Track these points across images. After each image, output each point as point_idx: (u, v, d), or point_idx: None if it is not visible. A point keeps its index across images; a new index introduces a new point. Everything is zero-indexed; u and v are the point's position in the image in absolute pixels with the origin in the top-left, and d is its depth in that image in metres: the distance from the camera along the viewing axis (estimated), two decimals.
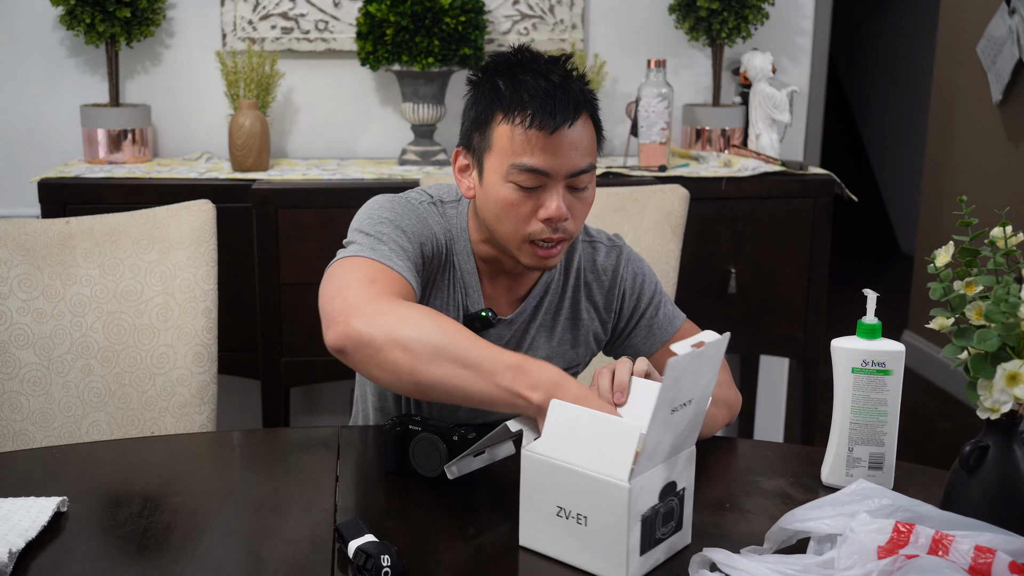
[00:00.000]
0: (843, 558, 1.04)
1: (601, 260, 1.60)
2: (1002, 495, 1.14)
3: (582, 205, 1.43)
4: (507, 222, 1.42)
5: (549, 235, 1.41)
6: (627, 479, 1.08)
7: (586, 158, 1.40)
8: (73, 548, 1.19)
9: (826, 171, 2.72)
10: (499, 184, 1.40)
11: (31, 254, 1.78)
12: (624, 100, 2.90)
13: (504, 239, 1.44)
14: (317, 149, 2.89)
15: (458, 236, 1.51)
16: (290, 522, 1.26)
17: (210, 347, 1.81)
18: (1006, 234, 1.14)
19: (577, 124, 1.39)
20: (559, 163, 1.38)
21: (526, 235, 1.41)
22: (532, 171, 1.38)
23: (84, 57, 2.77)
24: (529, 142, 1.37)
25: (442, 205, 1.52)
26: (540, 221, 1.40)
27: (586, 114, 1.41)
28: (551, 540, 1.15)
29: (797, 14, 2.97)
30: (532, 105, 1.37)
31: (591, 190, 1.44)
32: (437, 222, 1.49)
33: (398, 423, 1.37)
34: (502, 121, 1.39)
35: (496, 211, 1.42)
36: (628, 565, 1.10)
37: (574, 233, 1.44)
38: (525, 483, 1.16)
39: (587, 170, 1.41)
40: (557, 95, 1.37)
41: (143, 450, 1.52)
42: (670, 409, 1.09)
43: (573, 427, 1.13)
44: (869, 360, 1.30)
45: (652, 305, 1.61)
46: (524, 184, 1.39)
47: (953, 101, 4.12)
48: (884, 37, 6.52)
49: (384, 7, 2.60)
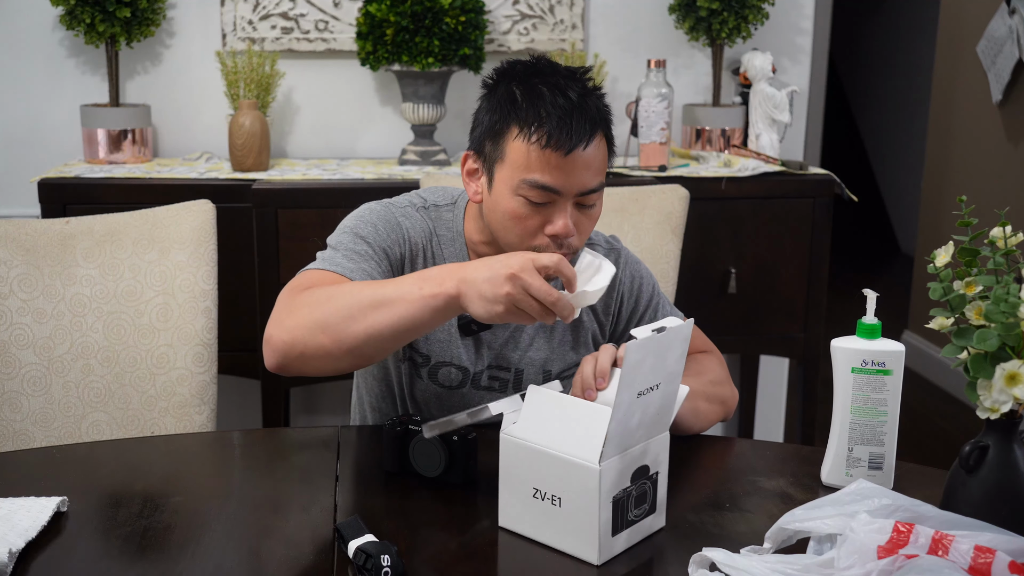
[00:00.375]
0: (843, 558, 1.04)
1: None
2: (1002, 495, 1.14)
3: (588, 221, 1.44)
4: (512, 233, 1.43)
5: (554, 251, 1.41)
6: (597, 461, 1.12)
7: (597, 177, 1.42)
8: (73, 548, 1.19)
9: (826, 171, 2.72)
10: (508, 196, 1.41)
11: (31, 254, 1.78)
12: (624, 100, 2.90)
13: (508, 248, 1.45)
14: (317, 149, 2.89)
15: (452, 239, 1.53)
16: (290, 522, 1.26)
17: (210, 347, 1.81)
18: (1006, 234, 1.14)
19: (592, 144, 1.39)
20: (571, 183, 1.39)
21: (530, 248, 1.42)
22: (543, 188, 1.39)
23: (84, 57, 2.77)
24: (543, 160, 1.38)
25: (435, 209, 1.54)
26: (546, 236, 1.41)
27: (601, 133, 1.42)
28: (528, 521, 1.19)
29: (797, 14, 2.97)
30: (549, 124, 1.37)
31: (598, 207, 1.45)
32: (418, 223, 1.51)
33: (398, 423, 1.37)
34: (518, 136, 1.40)
35: (503, 221, 1.43)
36: (600, 545, 1.14)
37: (578, 248, 1.44)
38: (504, 466, 1.20)
39: (597, 189, 1.42)
40: (575, 115, 1.38)
41: (143, 450, 1.52)
42: (635, 393, 1.12)
43: (548, 411, 1.17)
44: (869, 360, 1.30)
45: (651, 307, 1.62)
46: (534, 199, 1.40)
47: (953, 101, 4.12)
48: (884, 37, 6.53)
49: (384, 7, 2.60)
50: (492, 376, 1.58)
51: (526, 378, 1.58)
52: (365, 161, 2.82)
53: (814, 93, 4.23)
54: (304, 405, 3.01)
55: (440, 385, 1.56)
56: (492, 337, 1.55)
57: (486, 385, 1.58)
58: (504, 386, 1.58)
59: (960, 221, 1.17)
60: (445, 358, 1.55)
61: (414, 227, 1.51)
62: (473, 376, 1.57)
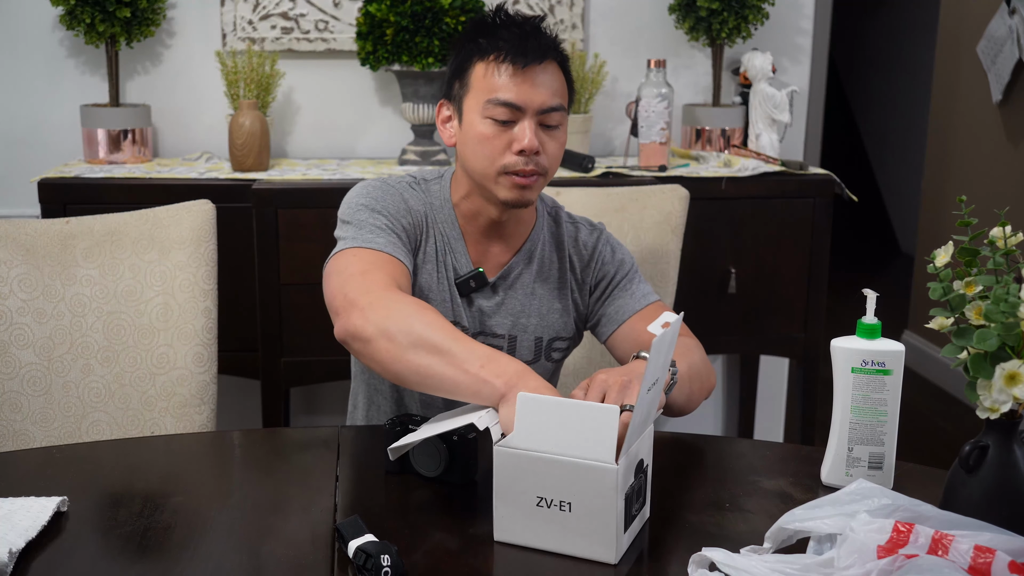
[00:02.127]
0: (843, 558, 1.04)
1: (583, 237, 1.70)
2: (1002, 495, 1.14)
3: (554, 144, 1.55)
4: (484, 158, 1.53)
5: (522, 167, 1.52)
6: (614, 461, 1.12)
7: (556, 98, 1.54)
8: (73, 548, 1.19)
9: (826, 171, 2.72)
10: (477, 121, 1.53)
11: (31, 254, 1.78)
12: (624, 100, 2.90)
13: (483, 176, 1.54)
14: (317, 149, 2.89)
15: (441, 207, 1.62)
16: (290, 522, 1.26)
17: (210, 347, 1.81)
18: (1006, 234, 1.14)
19: (548, 66, 1.53)
20: (530, 97, 1.51)
21: (501, 167, 1.52)
22: (506, 104, 1.51)
23: (84, 57, 2.77)
24: (504, 79, 1.51)
25: (425, 183, 1.64)
26: (514, 154, 1.52)
27: (556, 62, 1.55)
28: (531, 531, 1.18)
29: (797, 14, 2.97)
30: (506, 47, 1.52)
31: (563, 133, 1.57)
32: (415, 197, 1.61)
33: (398, 423, 1.37)
34: (479, 63, 1.54)
35: (474, 148, 1.54)
36: (617, 543, 1.15)
37: (547, 169, 1.55)
38: (500, 479, 1.18)
39: (557, 108, 1.53)
40: (529, 39, 1.52)
41: (143, 450, 1.52)
42: (647, 388, 1.14)
43: (546, 417, 1.15)
44: (869, 360, 1.30)
45: (627, 278, 1.68)
46: (499, 118, 1.51)
47: (953, 101, 4.12)
48: (884, 37, 6.53)
49: (384, 7, 2.60)
50: (487, 344, 1.60)
51: (520, 344, 1.64)
52: (365, 161, 2.82)
53: (814, 93, 4.23)
54: (304, 405, 3.01)
55: None
56: (486, 303, 1.62)
57: None
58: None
59: (960, 221, 1.17)
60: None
61: (415, 199, 1.61)
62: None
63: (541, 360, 1.66)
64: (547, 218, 1.69)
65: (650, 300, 1.66)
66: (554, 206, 1.72)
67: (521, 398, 1.16)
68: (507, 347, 1.63)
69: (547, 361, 1.67)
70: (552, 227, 1.69)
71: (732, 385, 3.18)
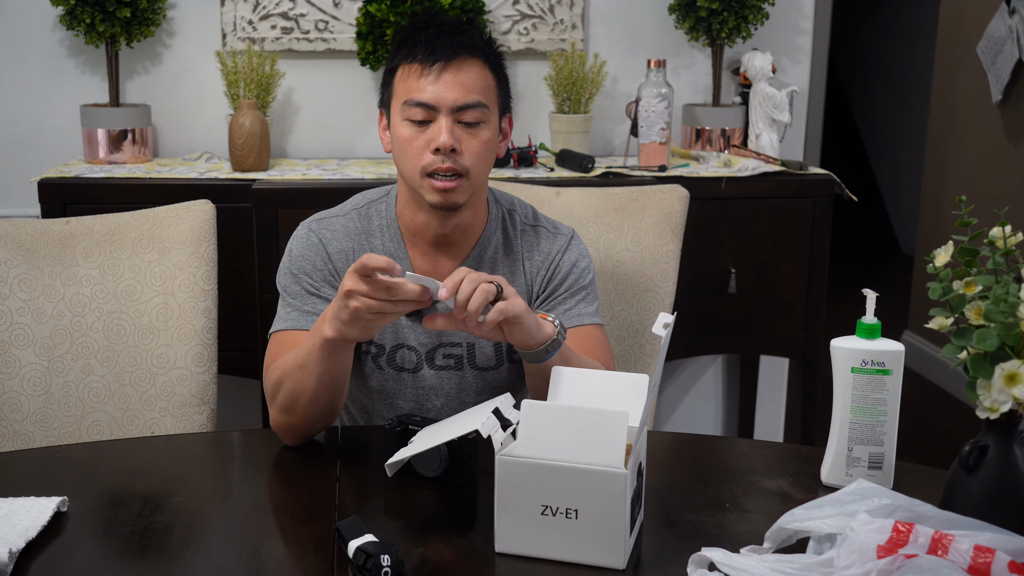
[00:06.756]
0: (843, 557, 1.04)
1: (544, 245, 1.66)
2: (1001, 495, 1.14)
3: (477, 143, 1.53)
4: (407, 160, 1.54)
5: (439, 165, 1.51)
6: (623, 466, 1.12)
7: (473, 94, 1.52)
8: (73, 548, 1.19)
9: (826, 171, 2.72)
10: (399, 125, 1.55)
11: (31, 254, 1.78)
12: (624, 100, 2.90)
13: (411, 180, 1.55)
14: (317, 149, 2.89)
15: (386, 226, 1.62)
16: (290, 522, 1.26)
17: (210, 347, 1.81)
18: (1005, 234, 1.14)
19: (465, 63, 1.52)
20: (442, 95, 1.51)
21: (423, 168, 1.52)
22: (419, 104, 1.52)
23: (84, 57, 2.77)
24: (416, 80, 1.52)
25: (367, 206, 1.64)
26: (431, 153, 1.51)
27: (476, 59, 1.54)
28: (535, 541, 1.15)
29: (797, 14, 2.97)
30: (420, 48, 1.53)
31: (486, 131, 1.55)
32: (345, 231, 1.61)
33: (398, 423, 1.37)
34: (399, 67, 1.56)
35: (399, 151, 1.55)
36: (626, 548, 1.14)
37: (470, 169, 1.53)
38: (503, 489, 1.15)
39: (474, 105, 1.52)
40: (442, 38, 1.52)
41: (143, 450, 1.52)
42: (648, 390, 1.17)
43: (549, 423, 1.14)
44: (869, 360, 1.30)
45: (575, 293, 1.63)
46: (415, 118, 1.52)
47: (953, 101, 4.12)
48: (884, 37, 6.52)
49: (384, 7, 2.60)
50: (446, 354, 1.61)
51: (479, 351, 1.61)
52: (365, 161, 2.82)
53: (814, 93, 4.24)
54: None
55: (399, 368, 1.60)
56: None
57: (441, 364, 1.61)
58: (460, 362, 1.61)
59: (960, 221, 1.17)
60: (398, 341, 1.61)
61: (336, 237, 1.61)
62: (427, 355, 1.60)
63: (504, 364, 1.62)
64: (500, 222, 1.65)
65: (587, 321, 1.62)
66: (513, 209, 1.67)
67: (525, 404, 1.16)
68: (467, 355, 1.61)
69: (510, 363, 1.63)
70: (506, 231, 1.65)
71: (732, 385, 3.18)
